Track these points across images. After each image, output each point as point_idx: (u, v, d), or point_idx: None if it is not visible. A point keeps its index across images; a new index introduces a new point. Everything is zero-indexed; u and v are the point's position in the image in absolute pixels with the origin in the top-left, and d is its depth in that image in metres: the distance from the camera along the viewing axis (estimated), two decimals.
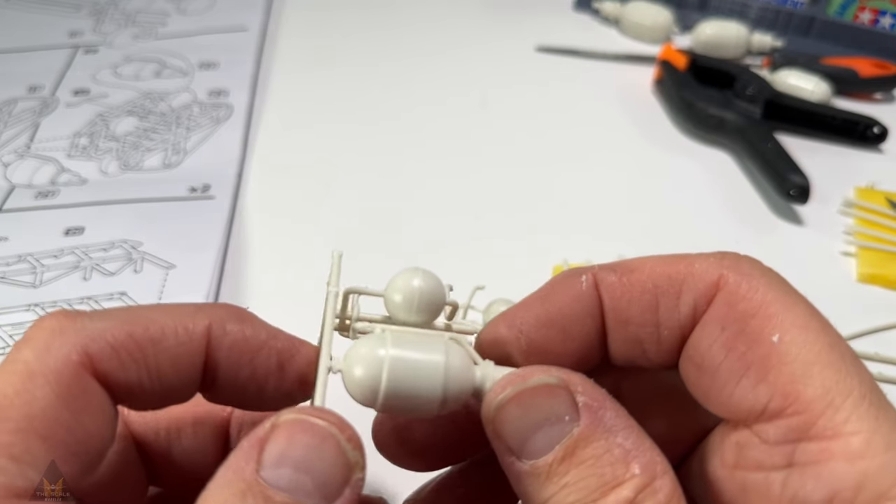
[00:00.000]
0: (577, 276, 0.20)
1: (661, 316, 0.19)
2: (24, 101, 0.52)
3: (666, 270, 0.19)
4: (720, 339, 0.18)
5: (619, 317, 0.19)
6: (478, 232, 0.44)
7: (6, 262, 0.39)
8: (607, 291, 0.19)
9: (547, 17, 0.64)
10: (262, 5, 0.63)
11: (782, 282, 0.19)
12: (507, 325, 0.20)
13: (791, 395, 0.16)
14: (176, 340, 0.19)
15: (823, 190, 0.46)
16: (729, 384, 0.18)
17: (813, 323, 0.17)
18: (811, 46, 0.60)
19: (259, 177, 0.47)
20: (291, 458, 0.16)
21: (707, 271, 0.18)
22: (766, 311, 0.17)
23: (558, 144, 0.51)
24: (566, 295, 0.19)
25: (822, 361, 0.17)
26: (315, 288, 0.40)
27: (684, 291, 0.18)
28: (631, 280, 0.19)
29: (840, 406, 0.16)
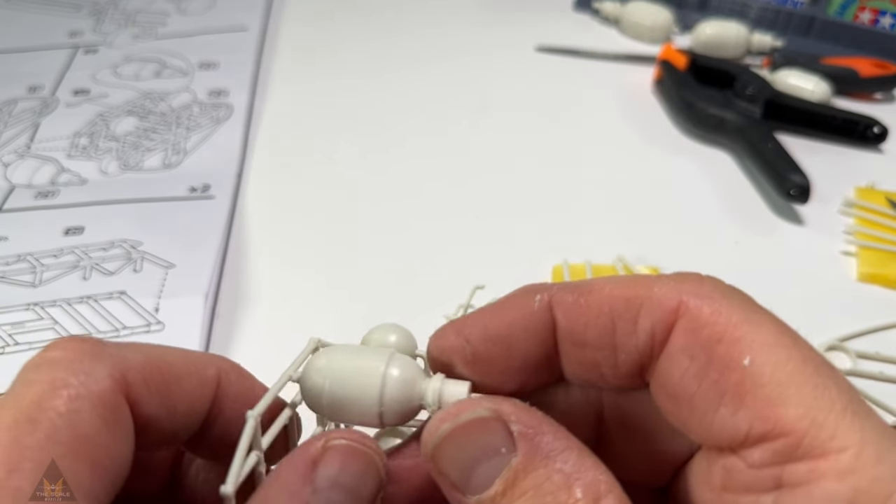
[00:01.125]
0: (532, 293, 0.19)
1: (617, 340, 0.18)
2: (24, 101, 0.52)
3: (623, 293, 0.18)
4: (690, 369, 0.17)
5: (573, 339, 0.19)
6: (478, 232, 0.44)
7: (6, 261, 0.39)
8: (562, 313, 0.19)
9: (547, 17, 0.64)
10: (262, 5, 0.63)
11: (746, 301, 0.18)
12: (455, 334, 0.20)
13: (771, 418, 0.16)
14: (193, 383, 0.20)
15: (823, 190, 0.46)
16: (707, 414, 0.17)
17: (783, 340, 0.17)
18: (811, 46, 0.60)
19: (259, 177, 0.47)
20: (344, 484, 0.17)
21: (666, 296, 0.18)
22: (733, 334, 0.17)
23: (558, 144, 0.51)
24: (516, 312, 0.19)
25: (797, 380, 0.16)
26: (314, 287, 0.40)
27: (642, 316, 0.18)
28: (587, 302, 0.18)
29: (823, 423, 0.15)
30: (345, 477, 0.18)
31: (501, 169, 0.48)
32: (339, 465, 0.18)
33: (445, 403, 0.19)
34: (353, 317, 0.38)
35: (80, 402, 0.16)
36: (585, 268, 0.41)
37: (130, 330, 0.36)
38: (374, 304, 0.39)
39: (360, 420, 0.19)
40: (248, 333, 0.37)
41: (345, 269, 0.41)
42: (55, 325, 0.36)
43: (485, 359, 0.19)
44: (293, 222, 0.44)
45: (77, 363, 0.17)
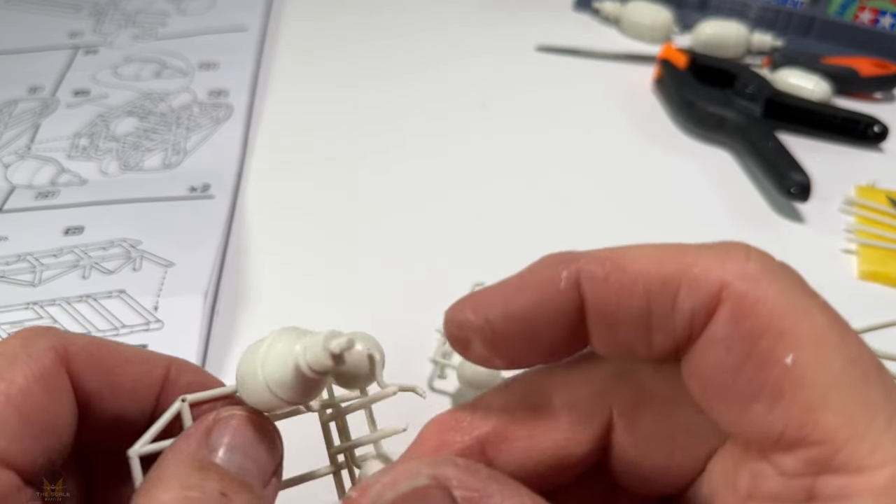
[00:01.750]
0: (557, 267, 0.17)
1: (653, 322, 0.17)
2: (24, 102, 0.52)
3: (660, 270, 0.17)
4: (727, 361, 0.16)
5: (604, 319, 0.17)
6: (478, 230, 0.44)
7: (6, 261, 0.39)
8: (592, 291, 0.17)
9: (547, 17, 0.64)
10: (262, 5, 0.63)
11: (795, 283, 0.16)
12: (474, 311, 0.18)
13: (809, 423, 0.15)
14: (138, 369, 0.21)
15: (824, 188, 0.46)
16: (740, 408, 0.16)
17: (832, 336, 0.15)
18: (811, 46, 0.60)
19: (259, 176, 0.47)
20: (240, 447, 0.18)
21: (707, 276, 0.16)
22: (778, 326, 0.15)
23: (558, 144, 0.51)
24: (541, 290, 0.18)
25: (842, 383, 0.15)
26: (314, 286, 0.40)
27: (680, 298, 0.16)
28: (620, 280, 0.17)
29: (864, 435, 0.14)
30: (242, 441, 0.18)
31: (501, 168, 0.48)
32: (231, 432, 0.18)
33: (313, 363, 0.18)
34: (354, 316, 0.38)
35: (17, 364, 0.18)
36: None
37: (130, 328, 0.36)
38: (373, 302, 0.39)
39: (258, 397, 0.19)
40: (248, 332, 0.37)
41: (345, 268, 0.41)
42: (54, 323, 0.36)
43: (506, 339, 0.18)
44: (293, 221, 0.44)
45: (21, 338, 0.19)
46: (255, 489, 0.18)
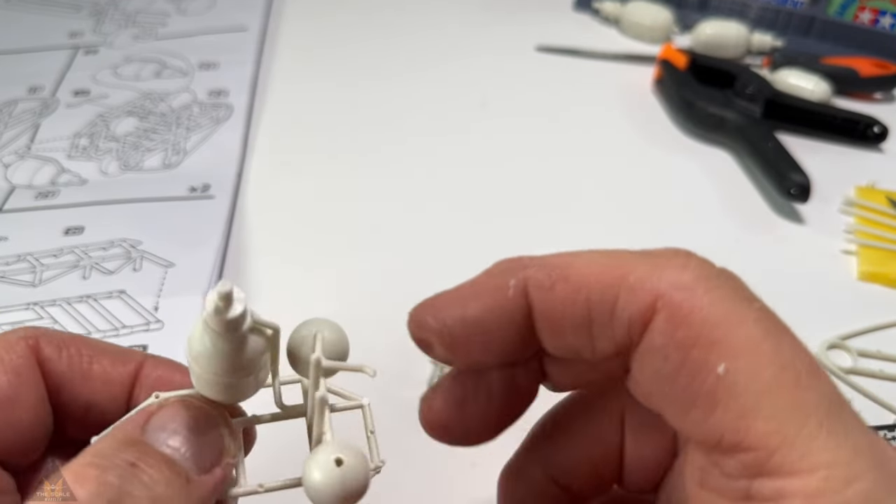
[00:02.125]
0: (507, 276, 0.19)
1: (595, 329, 0.17)
2: (24, 102, 0.52)
3: (600, 280, 0.17)
4: (664, 369, 0.16)
5: (550, 325, 0.18)
6: (478, 231, 0.44)
7: (6, 261, 0.39)
8: (538, 299, 0.18)
9: (547, 17, 0.64)
10: (262, 5, 0.63)
11: (731, 291, 0.17)
12: (433, 317, 0.19)
13: (742, 430, 0.15)
14: (110, 358, 0.21)
15: (824, 189, 0.46)
16: (679, 413, 0.16)
17: (765, 344, 0.16)
18: (811, 46, 0.60)
19: (259, 177, 0.47)
20: (173, 428, 0.18)
21: (643, 286, 0.17)
22: (710, 336, 0.16)
23: (558, 144, 0.51)
24: (491, 297, 0.19)
25: (773, 390, 0.15)
26: (315, 287, 0.40)
27: (618, 307, 0.17)
28: (563, 289, 0.18)
29: (794, 439, 0.15)
30: (177, 423, 0.18)
31: (501, 168, 0.48)
32: (171, 415, 0.18)
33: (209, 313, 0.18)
34: (354, 316, 0.38)
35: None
36: None
37: (130, 329, 0.36)
38: (374, 302, 0.39)
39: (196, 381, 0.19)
40: None
41: (344, 268, 0.41)
42: (55, 324, 0.36)
43: (463, 342, 0.19)
44: (293, 222, 0.44)
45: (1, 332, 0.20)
46: (181, 470, 0.18)
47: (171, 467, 0.17)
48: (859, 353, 0.37)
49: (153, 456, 0.17)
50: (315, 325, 0.21)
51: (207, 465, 0.18)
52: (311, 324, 0.21)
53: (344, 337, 0.21)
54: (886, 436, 0.31)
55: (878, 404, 0.35)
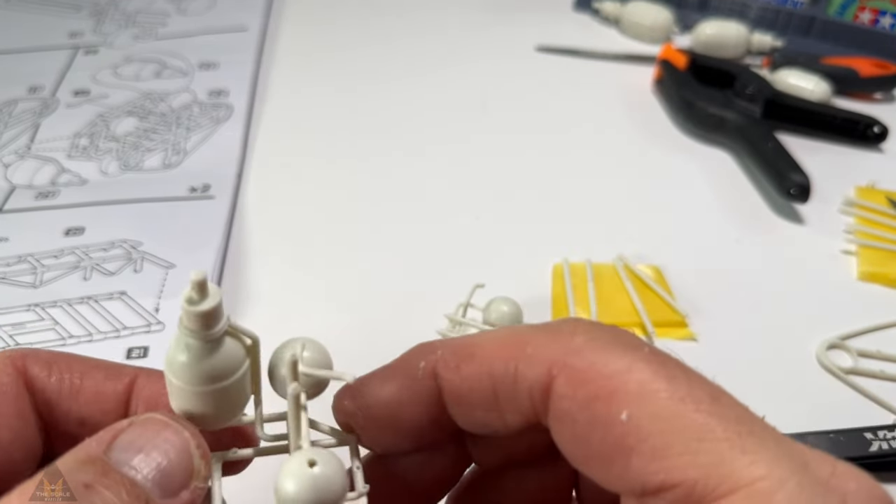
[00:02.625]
0: (417, 360, 0.19)
1: (501, 403, 0.18)
2: (24, 102, 0.52)
3: (501, 355, 0.18)
4: (575, 430, 0.17)
5: (460, 403, 0.19)
6: (478, 231, 0.44)
7: (6, 262, 0.39)
8: (446, 380, 0.19)
9: (547, 17, 0.64)
10: (262, 6, 0.63)
11: (619, 346, 0.17)
12: (350, 398, 0.20)
13: (660, 470, 0.15)
14: (103, 374, 0.21)
15: (824, 189, 0.46)
16: (603, 469, 0.17)
17: (656, 383, 0.16)
18: (811, 46, 0.60)
19: (259, 177, 0.47)
20: (138, 447, 0.17)
21: (539, 355, 0.17)
22: (608, 388, 0.16)
23: (558, 144, 0.51)
24: (402, 379, 0.20)
25: (677, 424, 0.16)
26: (315, 287, 0.40)
27: (518, 380, 0.18)
28: (468, 369, 0.19)
29: (710, 466, 0.15)
30: (143, 442, 0.17)
31: (502, 168, 0.48)
32: (139, 432, 0.18)
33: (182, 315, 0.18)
34: (354, 316, 0.38)
35: None
36: (586, 266, 0.41)
37: (131, 330, 0.36)
38: (374, 303, 0.39)
39: (173, 398, 0.19)
40: None
41: (345, 269, 0.41)
42: (56, 325, 0.36)
43: (376, 423, 0.20)
44: (293, 222, 0.44)
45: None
46: (140, 493, 0.17)
47: (130, 490, 0.17)
48: (859, 354, 0.37)
49: (112, 477, 0.16)
50: (296, 343, 0.20)
51: (174, 488, 0.17)
52: (292, 342, 0.20)
53: (326, 356, 0.20)
54: (886, 436, 0.31)
55: (879, 404, 0.35)
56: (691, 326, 0.38)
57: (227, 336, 0.18)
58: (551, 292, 0.40)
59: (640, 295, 0.39)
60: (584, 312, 0.38)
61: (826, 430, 0.32)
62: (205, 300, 0.17)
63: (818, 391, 0.35)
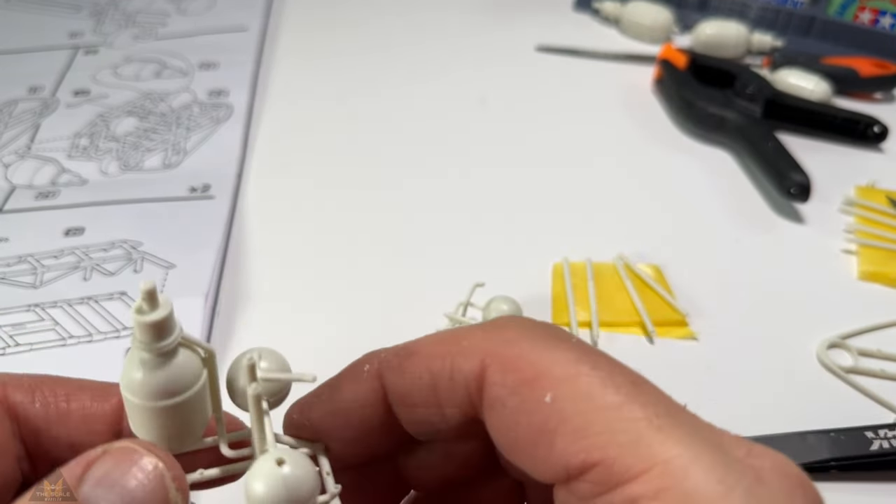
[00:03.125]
0: (362, 365, 0.20)
1: (441, 398, 0.19)
2: (24, 102, 0.52)
3: (438, 351, 0.19)
4: (506, 415, 0.17)
5: (403, 401, 0.19)
6: (478, 231, 0.44)
7: (6, 262, 0.39)
8: (389, 379, 0.19)
9: (547, 17, 0.64)
10: (262, 5, 0.63)
11: (548, 337, 0.18)
12: (298, 412, 0.21)
13: (582, 450, 0.16)
14: (90, 395, 0.21)
15: (824, 188, 0.46)
16: (531, 455, 0.17)
17: (580, 367, 0.17)
18: (811, 46, 0.60)
19: (259, 176, 0.47)
20: (112, 481, 0.17)
21: (473, 348, 0.18)
22: (534, 372, 0.17)
23: (558, 144, 0.51)
24: (348, 384, 0.20)
25: (597, 405, 0.16)
26: (315, 287, 0.40)
27: (455, 371, 0.18)
28: (409, 365, 0.19)
29: (627, 445, 0.15)
30: (116, 475, 0.17)
31: (502, 168, 0.48)
32: (112, 463, 0.17)
33: (133, 321, 0.18)
34: (354, 316, 0.38)
35: None
36: (586, 266, 0.41)
37: (131, 330, 0.36)
38: (374, 303, 0.39)
39: (132, 419, 0.19)
40: (248, 333, 0.37)
41: (345, 269, 0.41)
42: (56, 325, 0.36)
43: (326, 432, 0.20)
44: (293, 222, 0.44)
45: None
46: None
47: None
48: (860, 353, 0.37)
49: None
50: (251, 352, 0.20)
51: None
52: (247, 352, 0.20)
53: (284, 362, 0.20)
54: (887, 434, 0.31)
55: (879, 403, 0.35)
56: (692, 325, 0.38)
57: (182, 348, 0.18)
58: (551, 291, 0.40)
59: (640, 294, 0.39)
60: (584, 311, 0.38)
61: (826, 429, 0.32)
62: (155, 310, 0.17)
63: (819, 390, 0.35)
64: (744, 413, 0.33)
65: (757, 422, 0.32)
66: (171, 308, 0.17)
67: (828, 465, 0.31)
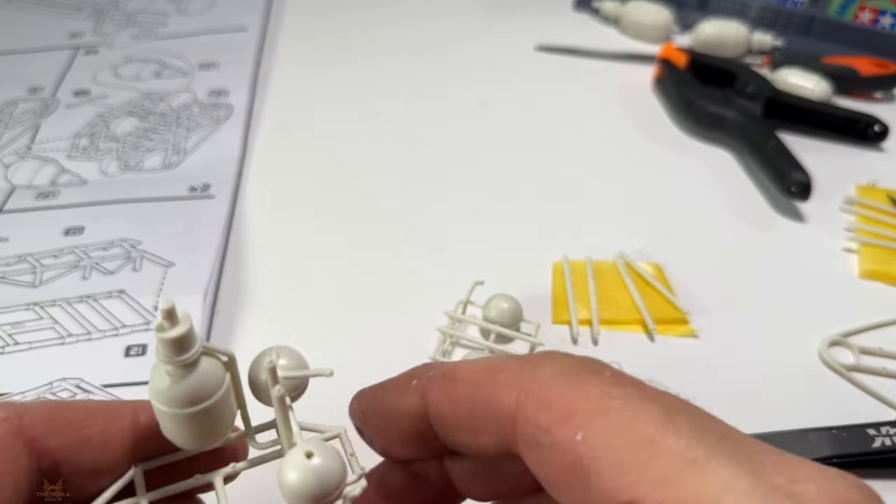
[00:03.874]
0: (411, 378, 0.21)
1: (478, 426, 0.19)
2: (24, 103, 0.52)
3: (479, 379, 0.19)
4: (540, 456, 0.17)
5: (443, 423, 0.20)
6: (478, 229, 0.44)
7: (6, 262, 0.39)
8: (432, 400, 0.20)
9: (547, 17, 0.64)
10: (262, 5, 0.63)
11: (580, 368, 0.18)
12: (357, 401, 0.22)
13: (613, 489, 0.15)
14: (104, 419, 0.21)
15: (825, 187, 0.46)
16: (569, 495, 0.17)
17: (610, 402, 0.17)
18: (811, 46, 0.60)
19: (258, 176, 0.47)
20: None
21: (508, 383, 0.18)
22: (565, 410, 0.17)
23: (558, 143, 0.51)
24: (396, 393, 0.21)
25: (629, 440, 0.16)
26: (314, 286, 0.40)
27: (491, 406, 0.18)
28: (451, 391, 0.20)
29: (665, 482, 0.15)
30: None
31: (502, 166, 0.48)
32: None
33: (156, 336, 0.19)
34: (354, 315, 0.38)
35: None
36: (586, 264, 0.41)
37: (130, 328, 0.36)
38: (374, 302, 0.39)
39: (162, 425, 0.20)
40: (248, 332, 0.37)
41: (345, 268, 0.41)
42: (55, 324, 0.36)
43: (372, 428, 0.22)
44: (293, 221, 0.44)
45: None
46: None
47: None
48: (861, 351, 0.37)
49: None
50: (270, 351, 0.21)
51: None
52: (266, 352, 0.21)
53: (301, 358, 0.22)
54: (889, 432, 0.31)
55: (881, 401, 0.35)
56: (692, 323, 0.38)
57: (205, 356, 0.19)
58: (552, 290, 0.39)
59: (640, 292, 0.39)
60: (584, 309, 0.38)
61: (828, 427, 0.32)
62: (175, 327, 0.18)
63: (820, 388, 0.35)
64: (745, 411, 0.33)
65: (758, 419, 0.32)
66: (191, 323, 0.18)
67: (829, 462, 0.31)
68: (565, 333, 0.37)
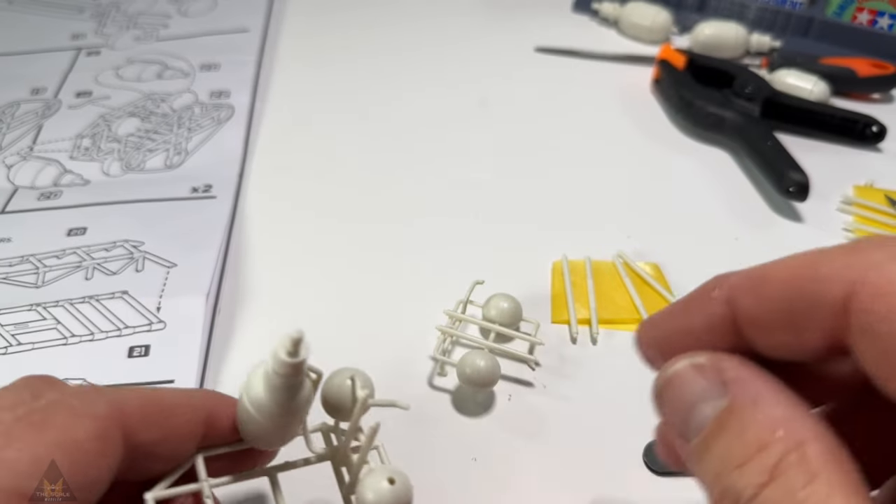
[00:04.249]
0: (710, 289, 0.20)
1: (798, 323, 0.18)
2: (27, 104, 0.52)
3: (795, 275, 0.18)
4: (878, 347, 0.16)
5: (757, 327, 0.19)
6: (478, 229, 0.44)
7: (9, 262, 0.40)
8: (741, 303, 0.19)
9: (546, 18, 0.64)
10: (264, 7, 0.63)
11: None
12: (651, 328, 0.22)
13: None
14: (187, 412, 0.23)
15: (822, 188, 0.46)
16: None
17: None
18: (809, 47, 0.60)
19: (260, 177, 0.47)
20: None
21: (833, 275, 0.17)
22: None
23: (557, 144, 0.51)
24: (698, 307, 0.20)
25: None
26: (315, 286, 0.41)
27: (816, 299, 0.18)
28: (764, 290, 0.19)
29: None
30: None
31: (501, 167, 0.49)
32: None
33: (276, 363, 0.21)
34: (355, 316, 0.38)
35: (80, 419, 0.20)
36: (585, 264, 0.41)
37: (132, 329, 0.36)
38: (375, 302, 0.39)
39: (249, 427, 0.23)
40: (249, 332, 0.37)
41: (346, 268, 0.41)
42: (58, 325, 0.36)
43: (675, 350, 0.20)
44: (294, 222, 0.44)
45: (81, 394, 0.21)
46: None
47: None
48: None
49: None
50: (348, 372, 0.24)
51: None
52: (344, 371, 0.24)
53: (371, 383, 0.24)
54: None
55: None
56: None
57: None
58: (551, 289, 0.40)
59: (639, 292, 0.39)
60: (583, 309, 0.38)
61: None
62: (299, 355, 0.20)
63: None
64: None
65: None
66: (308, 352, 0.21)
67: None
68: (564, 333, 0.38)
